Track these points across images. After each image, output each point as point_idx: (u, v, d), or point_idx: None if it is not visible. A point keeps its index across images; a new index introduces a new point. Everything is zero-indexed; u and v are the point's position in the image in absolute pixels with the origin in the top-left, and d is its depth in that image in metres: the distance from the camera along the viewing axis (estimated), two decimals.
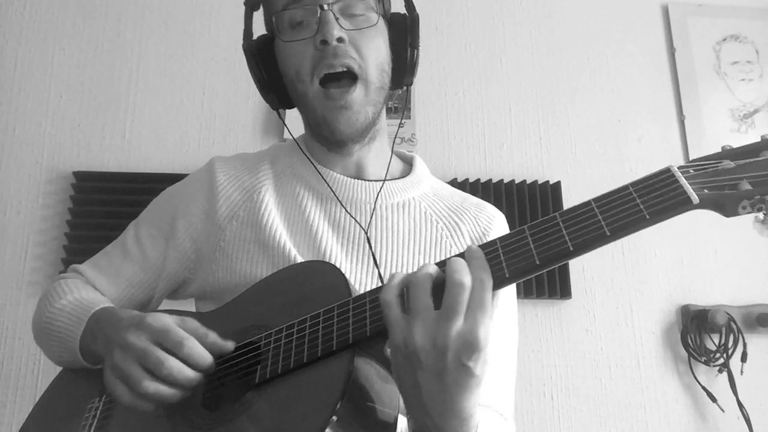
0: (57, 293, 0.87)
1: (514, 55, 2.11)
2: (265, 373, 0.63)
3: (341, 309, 0.63)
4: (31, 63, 1.97)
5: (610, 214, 0.55)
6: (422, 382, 0.55)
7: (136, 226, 0.94)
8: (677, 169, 0.56)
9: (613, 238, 0.55)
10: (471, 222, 0.89)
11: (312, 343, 0.62)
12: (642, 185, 0.56)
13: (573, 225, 0.56)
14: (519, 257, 0.57)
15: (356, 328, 0.60)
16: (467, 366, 0.53)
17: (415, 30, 0.87)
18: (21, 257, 1.80)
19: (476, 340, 0.53)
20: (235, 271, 0.82)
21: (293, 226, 0.84)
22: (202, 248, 0.86)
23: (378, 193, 0.87)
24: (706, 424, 1.77)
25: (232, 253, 0.83)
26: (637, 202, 0.55)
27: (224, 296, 0.81)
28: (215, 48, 2.03)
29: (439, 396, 0.55)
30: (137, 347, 0.65)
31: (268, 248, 0.81)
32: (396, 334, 0.55)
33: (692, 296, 1.88)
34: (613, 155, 2.02)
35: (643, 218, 0.54)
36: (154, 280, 0.89)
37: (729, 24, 2.17)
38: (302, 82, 0.82)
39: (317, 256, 0.81)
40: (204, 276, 0.86)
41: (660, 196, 0.54)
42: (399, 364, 0.57)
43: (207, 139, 1.94)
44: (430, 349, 0.53)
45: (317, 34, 0.78)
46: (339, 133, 0.82)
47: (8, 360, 1.72)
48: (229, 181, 0.89)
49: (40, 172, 1.87)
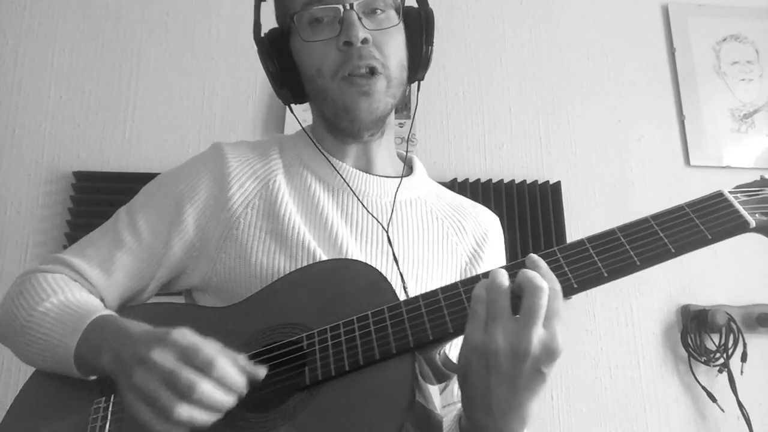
0: (36, 292, 0.78)
1: (514, 55, 2.11)
2: (317, 375, 0.62)
3: (393, 312, 0.63)
4: (31, 63, 1.97)
5: (672, 232, 0.60)
6: (494, 384, 0.56)
7: (128, 212, 0.86)
8: (729, 193, 0.62)
9: (677, 254, 0.60)
10: (473, 222, 0.91)
11: (366, 346, 0.62)
12: (697, 207, 0.61)
13: (636, 240, 0.61)
14: (584, 268, 0.60)
15: (415, 332, 0.61)
16: (543, 372, 0.56)
17: (430, 26, 0.86)
18: (21, 257, 1.80)
19: (556, 347, 0.55)
20: (251, 261, 0.79)
21: (308, 218, 0.82)
22: (209, 236, 0.82)
23: (397, 190, 0.87)
24: (706, 424, 1.77)
25: (246, 242, 0.80)
26: (696, 223, 0.60)
27: (234, 287, 0.79)
28: (215, 48, 2.03)
29: (508, 399, 0.57)
30: (164, 368, 0.58)
31: (285, 240, 0.79)
32: (474, 335, 0.57)
33: (692, 296, 1.88)
34: (613, 155, 2.02)
35: (705, 239, 0.59)
36: (152, 269, 0.83)
37: (729, 24, 2.17)
38: (323, 78, 0.81)
39: (334, 250, 0.80)
40: (209, 265, 0.82)
41: (718, 219, 0.60)
42: (471, 365, 0.57)
43: (207, 139, 1.94)
44: (511, 354, 0.55)
45: (341, 35, 0.77)
46: (359, 121, 0.81)
47: (8, 360, 1.72)
48: (241, 167, 0.85)
49: (40, 172, 1.87)
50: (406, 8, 0.85)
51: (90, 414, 0.70)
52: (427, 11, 0.86)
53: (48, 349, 0.73)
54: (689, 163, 2.02)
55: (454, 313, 0.61)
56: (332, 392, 0.61)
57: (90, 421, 0.69)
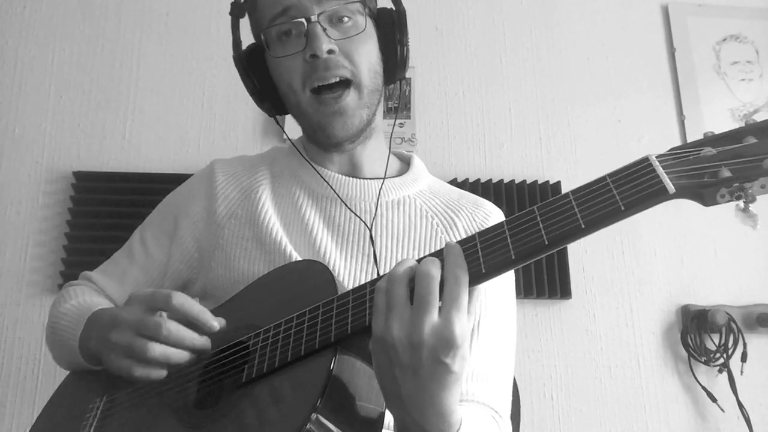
0: (64, 298, 0.89)
1: (514, 55, 2.11)
2: (252, 372, 0.64)
3: (326, 307, 0.63)
4: (31, 63, 1.97)
5: (586, 206, 0.54)
6: (399, 376, 0.55)
7: (141, 230, 0.96)
8: (655, 158, 0.54)
9: (588, 231, 0.53)
10: (467, 217, 0.89)
11: (296, 342, 0.62)
12: (620, 175, 0.54)
13: (550, 218, 0.55)
14: (495, 252, 0.56)
15: (338, 326, 0.60)
16: (444, 362, 0.53)
17: (403, 25, 0.86)
18: (21, 257, 1.80)
19: (452, 336, 0.52)
20: (234, 268, 0.83)
21: (290, 225, 0.85)
22: (204, 247, 0.88)
23: (380, 191, 0.87)
24: (706, 424, 1.77)
25: (230, 251, 0.85)
26: (613, 194, 0.53)
27: (223, 294, 0.82)
28: (215, 48, 2.02)
29: (417, 391, 0.55)
30: (131, 319, 0.67)
31: (265, 246, 0.82)
32: (375, 327, 0.56)
33: (692, 296, 1.88)
34: (613, 155, 2.02)
35: (618, 210, 0.52)
36: (158, 281, 0.90)
37: (729, 24, 2.17)
38: (294, 93, 0.82)
39: (313, 254, 0.82)
40: (205, 274, 0.88)
41: (636, 187, 0.52)
42: (378, 358, 0.57)
43: (207, 139, 1.94)
44: (407, 343, 0.53)
45: (306, 48, 0.79)
46: (334, 138, 0.83)
47: (8, 360, 1.72)
48: (227, 180, 0.91)
49: (40, 172, 1.87)
50: (378, 9, 0.86)
51: (86, 413, 0.75)
52: (399, 11, 0.86)
53: (65, 344, 0.82)
54: None
55: None
56: (261, 389, 0.63)
57: (84, 419, 0.75)
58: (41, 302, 1.76)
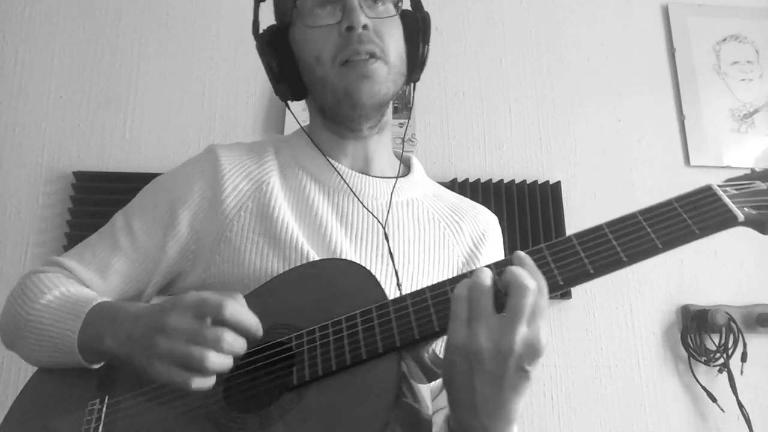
0: (38, 288, 0.79)
1: (514, 55, 2.11)
2: (304, 375, 0.63)
3: (381, 311, 0.63)
4: (32, 63, 1.97)
5: (659, 227, 0.59)
6: (479, 384, 0.56)
7: (125, 216, 0.87)
8: (718, 187, 0.61)
9: (664, 249, 0.59)
10: (470, 223, 0.90)
11: (353, 345, 0.62)
12: (686, 201, 0.60)
13: (623, 236, 0.60)
14: (571, 265, 0.59)
15: (402, 331, 0.61)
16: (527, 370, 0.56)
17: (427, 27, 0.87)
18: (21, 257, 1.80)
19: (540, 345, 0.55)
20: (244, 263, 0.79)
21: (302, 219, 0.82)
22: (204, 238, 0.83)
23: (393, 190, 0.87)
24: (706, 424, 1.77)
25: (239, 245, 0.80)
26: (684, 218, 0.59)
27: (229, 289, 0.77)
28: (215, 48, 2.03)
29: (494, 398, 0.57)
30: (184, 329, 0.61)
31: (278, 241, 0.79)
32: (456, 334, 0.57)
33: (692, 296, 1.88)
34: (613, 155, 2.02)
35: (692, 233, 0.59)
36: (148, 273, 0.84)
37: (729, 24, 2.17)
38: (322, 66, 0.81)
39: (327, 251, 0.80)
40: (204, 267, 0.83)
41: (706, 213, 0.59)
42: (455, 365, 0.57)
43: (207, 139, 1.94)
44: (495, 353, 0.55)
45: (343, 21, 0.79)
46: (361, 105, 0.81)
47: (8, 360, 1.72)
48: (234, 169, 0.85)
49: (40, 172, 1.87)
50: (402, 10, 0.87)
51: (84, 415, 0.71)
52: (423, 14, 0.87)
53: (52, 341, 0.74)
54: (689, 163, 2.02)
55: (440, 312, 0.61)
56: (319, 392, 0.62)
57: (84, 423, 0.70)
58: None
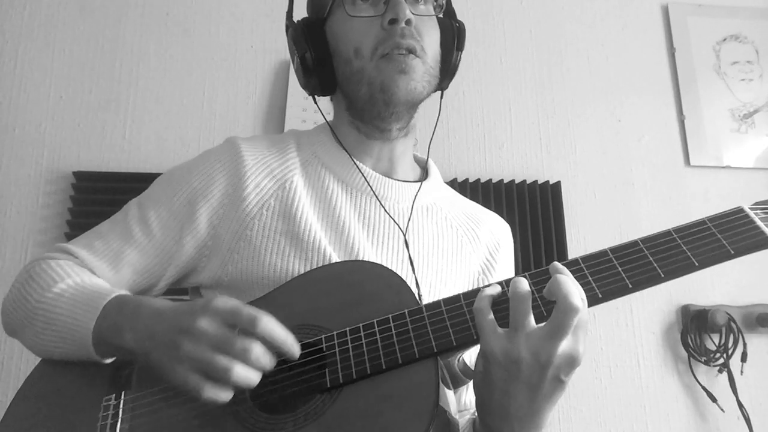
0: (49, 276, 0.76)
1: (514, 55, 2.11)
2: (338, 378, 0.62)
3: (414, 316, 0.63)
4: (31, 63, 1.97)
5: (694, 246, 0.62)
6: (514, 392, 0.57)
7: (140, 206, 0.84)
8: (750, 209, 0.63)
9: (700, 267, 0.61)
10: (486, 231, 0.91)
11: (388, 350, 0.62)
12: (719, 222, 0.63)
13: (659, 253, 0.62)
14: (609, 278, 0.61)
15: (438, 336, 0.62)
16: (563, 380, 0.57)
17: (462, 35, 0.88)
18: (21, 257, 1.80)
19: (579, 357, 0.56)
20: (264, 263, 0.78)
21: (324, 220, 0.81)
22: (222, 235, 0.80)
23: (416, 196, 0.86)
24: (706, 424, 1.77)
25: (260, 244, 0.79)
26: (719, 237, 0.62)
27: (247, 288, 0.78)
28: (215, 48, 2.02)
29: (528, 406, 0.58)
30: (213, 334, 0.59)
31: (300, 242, 0.78)
32: (493, 343, 0.57)
33: (692, 296, 1.88)
34: (613, 155, 2.02)
35: (728, 253, 0.62)
36: (162, 266, 0.81)
37: (729, 24, 2.17)
38: (360, 59, 0.80)
39: (348, 253, 0.79)
40: (220, 264, 0.80)
41: (740, 234, 0.62)
42: (491, 372, 0.58)
43: (207, 139, 1.94)
44: (533, 363, 0.56)
45: (387, 13, 0.78)
46: (395, 101, 0.80)
47: (8, 360, 1.72)
48: (257, 165, 0.83)
49: (40, 172, 1.87)
50: (439, 18, 0.86)
51: (100, 411, 0.68)
52: (459, 22, 0.89)
53: (63, 332, 0.71)
54: (689, 163, 2.02)
55: None
56: (354, 395, 0.61)
57: (100, 419, 0.67)
58: None
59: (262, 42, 2.03)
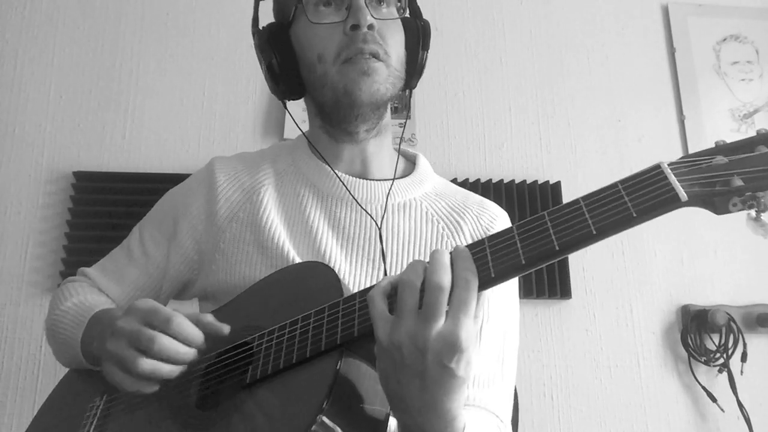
0: (63, 296, 0.88)
1: (514, 55, 2.11)
2: (256, 374, 0.64)
3: (331, 309, 0.63)
4: (32, 63, 1.97)
5: (597, 212, 0.54)
6: (403, 380, 0.55)
7: (140, 228, 0.94)
8: (668, 165, 0.54)
9: (599, 237, 0.53)
10: (473, 220, 0.89)
11: (301, 344, 0.62)
12: (631, 182, 0.54)
13: (561, 224, 0.55)
14: (505, 257, 0.55)
15: (344, 328, 0.60)
16: (448, 367, 0.53)
17: (427, 35, 0.88)
18: (21, 257, 1.80)
19: (457, 341, 0.52)
20: (234, 272, 0.82)
21: (293, 227, 0.84)
22: (204, 249, 0.87)
23: (388, 193, 0.86)
24: (706, 424, 1.77)
25: (231, 254, 0.83)
26: (625, 200, 0.53)
27: (224, 297, 0.81)
28: (215, 48, 2.03)
29: (420, 395, 0.55)
30: (127, 330, 0.66)
31: (266, 250, 0.81)
32: (380, 331, 0.55)
33: (692, 296, 1.88)
34: (613, 155, 2.02)
35: (630, 217, 0.52)
36: (158, 282, 0.89)
37: (729, 24, 2.17)
38: (324, 64, 0.80)
39: (316, 257, 0.81)
40: (205, 277, 0.87)
41: (648, 194, 0.53)
42: (382, 361, 0.57)
43: (207, 139, 1.94)
44: (412, 348, 0.53)
45: (349, 19, 0.78)
46: (359, 104, 0.80)
47: (8, 360, 1.72)
48: (228, 181, 0.89)
49: (40, 172, 1.87)
50: (404, 18, 0.86)
51: (85, 412, 0.75)
52: (424, 22, 0.88)
53: (66, 344, 0.83)
54: None
55: None
56: (266, 390, 0.63)
57: (84, 418, 0.75)
58: (41, 302, 1.76)
59: None
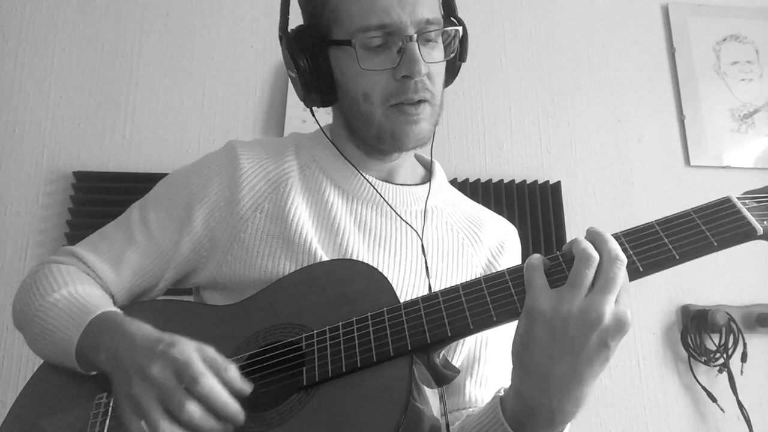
0: (49, 283, 0.79)
1: (514, 55, 2.11)
2: (314, 376, 0.62)
3: (392, 314, 0.63)
4: (32, 63, 1.97)
5: (676, 238, 0.60)
6: (556, 355, 0.56)
7: (141, 209, 0.86)
8: (737, 199, 0.61)
9: (681, 261, 0.59)
10: (489, 234, 0.90)
11: (364, 347, 0.62)
12: (704, 213, 0.60)
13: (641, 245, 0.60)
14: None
15: (413, 334, 0.61)
16: (609, 346, 0.56)
17: (465, 45, 0.86)
18: (21, 257, 1.80)
19: (628, 320, 0.56)
20: (255, 265, 0.79)
21: (319, 224, 0.81)
22: (219, 237, 0.82)
23: (427, 198, 0.86)
24: (706, 424, 1.77)
25: (252, 246, 0.80)
26: (702, 229, 0.59)
27: (239, 289, 0.79)
28: (215, 48, 2.02)
29: (569, 373, 0.56)
30: (161, 385, 0.60)
31: (292, 245, 0.78)
32: (542, 299, 0.57)
33: (692, 296, 1.88)
34: (613, 155, 2.02)
35: (710, 245, 0.59)
36: (161, 267, 0.83)
37: (729, 24, 2.17)
38: (369, 104, 0.78)
39: (341, 256, 0.79)
40: (216, 266, 0.82)
41: (724, 225, 0.59)
42: (534, 332, 0.57)
43: (207, 139, 1.94)
44: (582, 321, 0.55)
45: (401, 67, 0.75)
46: (405, 146, 0.80)
47: (8, 360, 1.72)
48: (253, 169, 0.83)
49: (40, 172, 1.87)
50: None
51: (92, 409, 0.71)
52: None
53: (54, 342, 0.74)
54: (689, 163, 2.02)
55: (453, 316, 0.61)
56: (329, 394, 0.61)
57: (91, 416, 0.70)
58: None
59: (262, 42, 2.03)
